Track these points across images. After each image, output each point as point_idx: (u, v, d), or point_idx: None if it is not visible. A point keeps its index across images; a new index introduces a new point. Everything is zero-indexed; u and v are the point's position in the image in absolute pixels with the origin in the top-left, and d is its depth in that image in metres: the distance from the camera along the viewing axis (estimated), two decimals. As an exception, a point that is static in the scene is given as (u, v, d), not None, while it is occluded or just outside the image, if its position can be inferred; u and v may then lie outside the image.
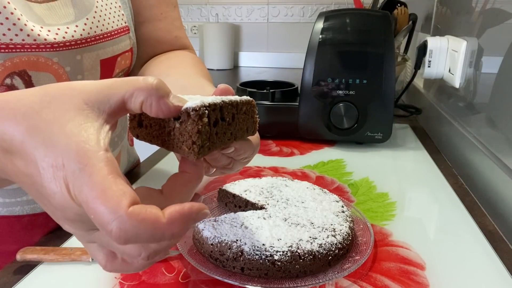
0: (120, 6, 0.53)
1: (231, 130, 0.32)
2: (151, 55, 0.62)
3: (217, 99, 0.30)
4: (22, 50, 0.42)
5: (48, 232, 0.51)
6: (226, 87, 0.36)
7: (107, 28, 0.49)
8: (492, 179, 0.62)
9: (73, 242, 0.48)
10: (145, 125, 0.31)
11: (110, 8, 0.51)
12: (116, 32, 0.51)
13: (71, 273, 0.42)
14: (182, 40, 0.64)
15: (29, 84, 0.44)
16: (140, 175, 0.68)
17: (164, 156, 0.76)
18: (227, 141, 0.32)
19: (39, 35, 0.42)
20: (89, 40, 0.47)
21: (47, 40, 0.43)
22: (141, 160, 0.78)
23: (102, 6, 0.49)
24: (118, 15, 0.52)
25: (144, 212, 0.22)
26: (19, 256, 0.43)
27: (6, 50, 0.41)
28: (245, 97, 0.34)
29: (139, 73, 0.61)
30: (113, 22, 0.51)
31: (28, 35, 0.42)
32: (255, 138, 0.39)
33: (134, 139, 0.75)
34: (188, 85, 0.49)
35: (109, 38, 0.50)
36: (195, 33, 2.15)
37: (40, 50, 0.43)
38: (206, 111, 0.28)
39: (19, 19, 0.41)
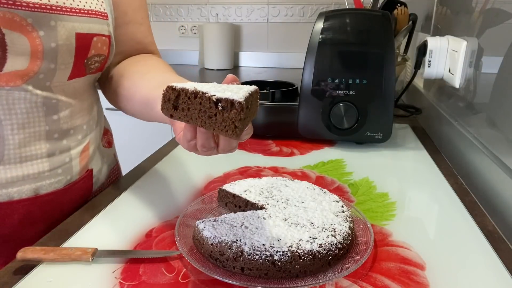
0: None
1: (249, 114, 0.38)
2: (126, 54, 0.67)
3: (244, 91, 0.37)
4: None
5: (47, 232, 0.51)
6: (233, 78, 0.42)
7: (84, 6, 0.51)
8: (492, 179, 0.62)
9: (73, 242, 0.48)
10: (182, 108, 0.37)
11: None
12: (92, 12, 0.53)
13: (71, 273, 0.42)
14: (153, 46, 0.72)
15: (2, 41, 0.44)
16: (142, 174, 0.68)
17: (164, 155, 0.77)
18: (248, 122, 0.38)
19: None
20: (64, 9, 0.48)
21: None
22: (141, 160, 0.78)
23: None
24: (97, 1, 0.55)
25: None
26: (19, 256, 0.43)
27: None
28: (254, 87, 0.40)
29: (115, 70, 0.64)
30: (91, 3, 0.53)
31: None
32: None
33: (114, 142, 0.75)
34: (164, 80, 0.54)
35: (84, 15, 0.51)
36: (195, 33, 2.15)
37: (16, 7, 0.44)
38: (246, 104, 0.35)
39: None
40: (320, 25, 0.80)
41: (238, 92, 0.36)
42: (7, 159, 0.49)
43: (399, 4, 1.11)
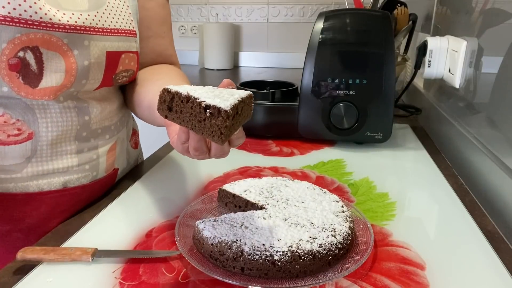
0: (130, 13, 0.59)
1: (240, 119, 0.39)
2: (147, 66, 0.69)
3: (235, 97, 0.38)
4: (38, 27, 0.46)
5: (47, 232, 0.51)
6: (229, 82, 0.43)
7: (114, 25, 0.55)
8: (492, 179, 0.62)
9: (73, 242, 0.48)
10: (175, 110, 0.39)
11: (121, 11, 0.57)
12: (122, 31, 0.56)
13: (71, 273, 0.42)
14: (173, 58, 0.74)
15: (39, 60, 0.47)
16: (142, 174, 0.68)
17: (164, 155, 0.77)
18: (237, 127, 0.40)
19: (54, 15, 0.47)
20: (97, 30, 0.52)
21: (61, 21, 0.47)
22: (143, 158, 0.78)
23: (113, 6, 0.55)
24: (127, 19, 0.58)
25: None
26: (19, 256, 0.43)
27: (25, 26, 0.45)
28: (248, 92, 0.41)
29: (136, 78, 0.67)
30: (121, 22, 0.56)
31: (46, 14, 0.46)
32: None
33: (140, 143, 0.76)
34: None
35: (115, 34, 0.55)
36: (195, 33, 2.15)
37: (54, 29, 0.47)
38: (232, 112, 0.36)
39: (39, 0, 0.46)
40: (320, 25, 0.80)
41: (228, 99, 0.37)
42: (40, 154, 0.52)
43: (399, 4, 1.11)
